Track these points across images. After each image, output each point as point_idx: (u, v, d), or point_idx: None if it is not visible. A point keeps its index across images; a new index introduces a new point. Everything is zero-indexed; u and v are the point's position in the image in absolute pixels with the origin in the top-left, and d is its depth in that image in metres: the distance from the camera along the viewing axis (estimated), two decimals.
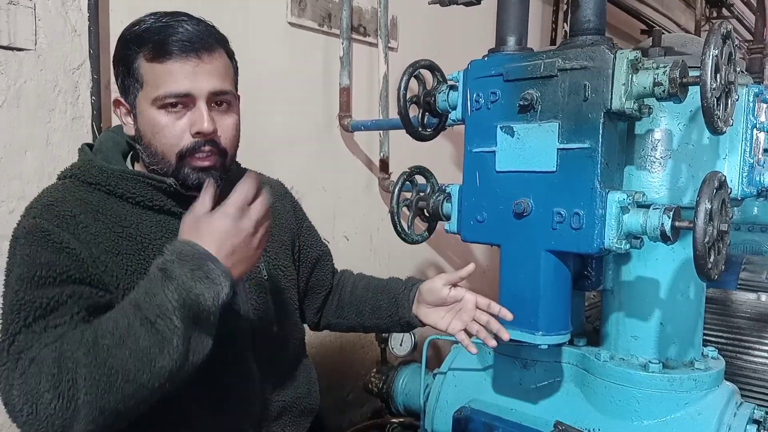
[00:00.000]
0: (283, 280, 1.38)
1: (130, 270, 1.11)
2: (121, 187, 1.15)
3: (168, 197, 1.18)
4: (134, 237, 1.13)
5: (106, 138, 1.26)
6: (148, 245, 1.14)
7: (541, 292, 1.21)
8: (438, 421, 1.61)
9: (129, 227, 1.14)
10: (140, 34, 1.13)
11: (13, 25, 1.56)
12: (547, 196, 1.17)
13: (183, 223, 1.03)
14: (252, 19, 2.18)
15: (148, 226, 1.16)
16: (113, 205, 1.14)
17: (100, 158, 1.18)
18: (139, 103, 1.15)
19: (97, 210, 1.12)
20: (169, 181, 1.17)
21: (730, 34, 1.07)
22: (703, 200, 1.02)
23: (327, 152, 2.55)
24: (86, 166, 1.16)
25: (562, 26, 3.94)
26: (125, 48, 1.14)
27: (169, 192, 1.18)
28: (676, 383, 1.31)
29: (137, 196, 1.16)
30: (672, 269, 1.35)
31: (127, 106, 1.18)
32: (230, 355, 1.22)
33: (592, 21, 1.18)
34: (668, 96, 1.07)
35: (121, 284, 1.09)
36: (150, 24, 1.13)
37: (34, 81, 1.62)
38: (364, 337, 2.74)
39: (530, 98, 1.17)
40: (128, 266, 1.11)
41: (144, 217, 1.17)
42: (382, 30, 2.61)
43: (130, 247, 1.12)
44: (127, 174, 1.16)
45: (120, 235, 1.12)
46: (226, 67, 1.19)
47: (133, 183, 1.16)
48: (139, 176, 1.16)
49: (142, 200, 1.16)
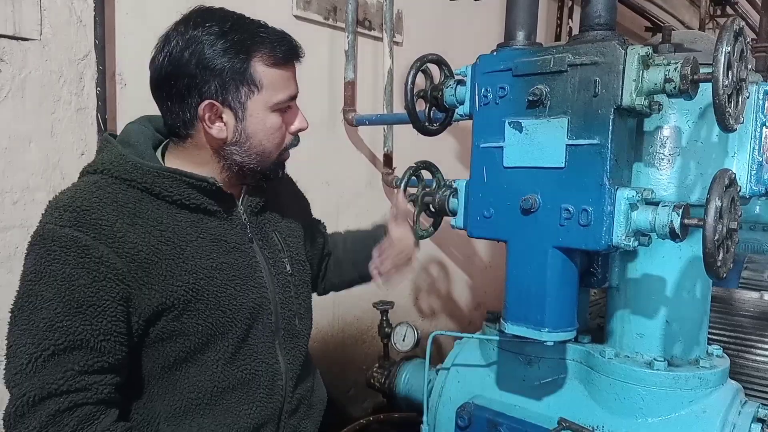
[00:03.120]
0: (303, 275, 1.40)
1: (169, 275, 1.10)
2: (159, 186, 1.12)
3: (206, 195, 1.18)
4: (172, 240, 1.12)
5: (134, 131, 1.22)
6: (186, 247, 1.13)
7: (548, 289, 1.20)
8: (441, 417, 1.61)
9: (166, 231, 1.12)
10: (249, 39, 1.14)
11: (18, 15, 1.55)
12: (555, 192, 1.16)
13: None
14: (257, 12, 2.14)
15: (184, 227, 1.15)
16: (148, 205, 1.12)
17: (131, 152, 1.15)
18: (251, 106, 1.16)
19: (133, 213, 1.10)
20: (211, 180, 1.17)
21: (743, 31, 1.06)
22: (714, 197, 1.01)
23: (331, 146, 2.55)
24: (119, 161, 1.13)
25: (567, 23, 3.93)
26: (232, 52, 1.12)
27: (209, 191, 1.17)
28: (681, 381, 1.30)
29: (174, 194, 1.14)
30: (678, 267, 1.35)
31: (227, 110, 1.15)
32: (260, 346, 1.24)
33: (603, 16, 1.17)
34: (679, 92, 1.06)
35: (157, 291, 1.09)
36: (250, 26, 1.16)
37: (38, 71, 1.61)
38: (366, 332, 2.74)
39: (539, 93, 1.16)
40: (167, 272, 1.10)
41: (179, 217, 1.15)
42: (387, 24, 2.60)
43: (168, 251, 1.11)
44: (164, 171, 1.14)
45: (159, 239, 1.10)
46: None
47: (171, 181, 1.13)
48: (177, 174, 1.14)
49: (179, 199, 1.14)
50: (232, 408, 1.21)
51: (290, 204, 1.45)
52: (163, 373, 1.14)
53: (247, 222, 1.26)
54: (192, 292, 1.12)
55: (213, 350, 1.17)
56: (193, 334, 1.14)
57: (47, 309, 1.02)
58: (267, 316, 1.25)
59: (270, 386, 1.26)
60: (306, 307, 1.39)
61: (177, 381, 1.15)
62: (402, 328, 2.07)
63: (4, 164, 1.57)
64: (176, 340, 1.13)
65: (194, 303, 1.13)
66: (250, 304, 1.21)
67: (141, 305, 1.08)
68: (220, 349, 1.17)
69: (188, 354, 1.14)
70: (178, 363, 1.14)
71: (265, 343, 1.25)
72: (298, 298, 1.35)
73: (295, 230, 1.41)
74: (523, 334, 1.23)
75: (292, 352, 1.32)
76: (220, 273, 1.17)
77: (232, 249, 1.21)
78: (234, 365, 1.20)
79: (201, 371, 1.16)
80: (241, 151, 1.18)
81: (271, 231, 1.33)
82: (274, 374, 1.27)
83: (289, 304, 1.32)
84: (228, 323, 1.17)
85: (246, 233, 1.25)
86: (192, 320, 1.13)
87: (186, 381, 1.16)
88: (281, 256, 1.32)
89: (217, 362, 1.17)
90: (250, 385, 1.22)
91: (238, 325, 1.19)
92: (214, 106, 1.14)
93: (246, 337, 1.21)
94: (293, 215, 1.43)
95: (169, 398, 1.15)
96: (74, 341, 1.02)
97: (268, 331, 1.26)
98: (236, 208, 1.25)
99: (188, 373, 1.16)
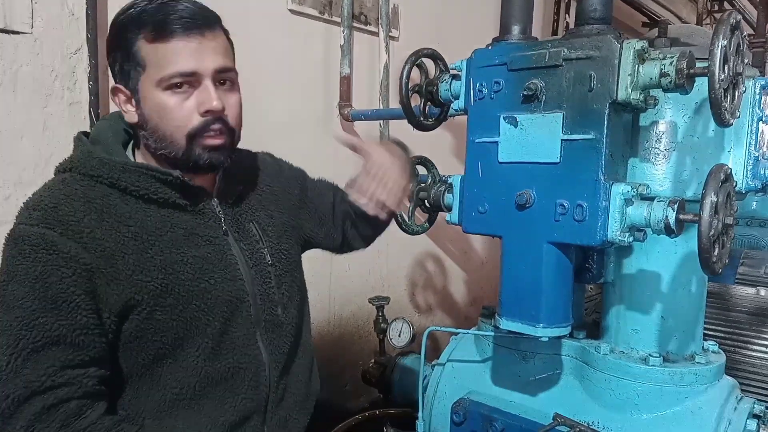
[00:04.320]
0: (286, 264, 1.37)
1: (137, 270, 1.09)
2: (124, 180, 1.11)
3: (173, 189, 1.16)
4: (140, 236, 1.11)
5: (103, 127, 1.21)
6: (155, 242, 1.12)
7: (543, 284, 1.20)
8: (436, 413, 1.60)
9: (134, 226, 1.11)
10: (137, 16, 1.10)
11: (9, 8, 1.53)
12: (549, 187, 1.16)
13: None
14: (252, 6, 2.16)
15: (153, 222, 1.13)
16: (116, 201, 1.11)
17: (99, 149, 1.14)
18: (142, 87, 1.12)
19: (101, 209, 1.09)
20: (175, 173, 1.15)
21: (739, 25, 1.05)
22: (709, 193, 1.01)
23: (327, 142, 2.53)
24: (86, 158, 1.13)
25: (564, 18, 3.92)
26: (122, 31, 1.11)
27: (175, 184, 1.16)
28: (676, 377, 1.30)
29: (141, 189, 1.12)
30: (674, 262, 1.34)
31: (127, 93, 1.14)
32: (241, 338, 1.22)
33: (599, 10, 1.16)
34: (675, 87, 1.05)
35: (125, 286, 1.08)
36: (145, 5, 1.10)
37: (30, 65, 1.60)
38: (362, 328, 2.74)
39: (534, 88, 1.15)
40: (135, 267, 1.09)
41: (149, 212, 1.14)
42: (383, 18, 2.59)
43: (136, 246, 1.10)
44: (130, 166, 1.13)
45: (126, 235, 1.09)
46: (226, 44, 1.18)
47: (137, 176, 1.12)
48: (142, 168, 1.13)
49: (146, 193, 1.13)
50: (217, 401, 1.20)
51: (271, 191, 1.41)
52: (144, 371, 1.13)
53: (222, 214, 1.24)
54: (161, 287, 1.11)
55: (192, 345, 1.15)
56: (169, 330, 1.12)
57: (21, 308, 1.01)
58: (246, 309, 1.23)
59: (254, 378, 1.24)
60: (290, 296, 1.36)
61: (159, 377, 1.14)
62: (398, 324, 2.07)
63: None
64: (152, 337, 1.11)
65: (165, 298, 1.11)
66: (227, 297, 1.19)
67: (110, 300, 1.07)
68: (200, 344, 1.16)
69: (167, 350, 1.13)
70: (158, 359, 1.13)
71: (246, 336, 1.23)
72: (281, 288, 1.33)
73: (276, 218, 1.38)
74: (517, 329, 1.23)
75: (274, 342, 1.30)
76: (191, 267, 1.15)
77: (205, 243, 1.19)
78: (215, 359, 1.18)
79: (182, 367, 1.15)
80: (148, 135, 1.15)
81: (248, 222, 1.30)
82: (257, 366, 1.25)
83: (270, 295, 1.29)
84: (204, 317, 1.16)
85: (220, 226, 1.23)
86: (165, 316, 1.12)
87: (168, 377, 1.15)
88: (259, 246, 1.30)
89: (198, 357, 1.16)
90: (234, 378, 1.21)
91: (215, 318, 1.18)
92: (118, 90, 1.15)
93: (225, 331, 1.19)
94: (275, 203, 1.40)
95: (152, 394, 1.14)
96: (51, 337, 1.01)
97: (248, 323, 1.24)
98: (209, 201, 1.23)
99: (170, 369, 1.14)
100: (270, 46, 2.24)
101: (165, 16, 1.08)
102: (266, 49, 2.22)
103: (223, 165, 1.19)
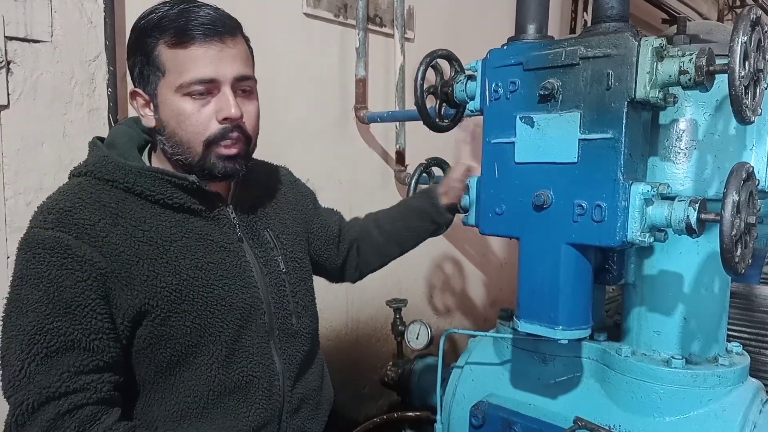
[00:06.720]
0: (299, 272, 1.37)
1: (152, 276, 1.09)
2: (140, 185, 1.12)
3: (189, 195, 1.16)
4: (155, 240, 1.11)
5: (119, 132, 1.22)
6: (170, 248, 1.12)
7: (561, 286, 1.18)
8: (455, 416, 1.59)
9: (149, 231, 1.11)
10: (158, 21, 1.10)
11: (30, 17, 1.56)
12: (567, 187, 1.14)
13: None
14: (268, 10, 2.17)
15: (168, 227, 1.13)
16: (131, 205, 1.11)
17: (115, 154, 1.15)
18: (160, 92, 1.12)
19: (116, 213, 1.09)
20: (192, 178, 1.15)
21: (760, 20, 1.03)
22: (731, 192, 0.99)
23: (343, 144, 2.54)
24: (101, 162, 1.13)
25: (581, 15, 3.88)
26: (142, 36, 1.12)
27: (191, 189, 1.16)
28: (699, 379, 1.28)
29: (156, 194, 1.13)
30: (696, 263, 1.32)
31: (146, 97, 1.15)
32: (254, 347, 1.22)
33: (616, 8, 1.14)
34: (694, 84, 1.04)
35: (139, 291, 1.08)
36: (166, 11, 1.11)
37: (50, 73, 1.62)
38: (380, 331, 2.73)
39: (551, 87, 1.14)
40: (149, 272, 1.09)
41: (164, 217, 1.14)
42: (398, 20, 2.59)
43: (151, 251, 1.10)
44: (146, 171, 1.13)
45: (141, 240, 1.09)
46: (246, 51, 1.18)
47: (152, 180, 1.12)
48: (158, 173, 1.13)
49: (161, 198, 1.13)
50: (230, 411, 1.19)
51: (286, 200, 1.42)
52: (157, 378, 1.13)
53: (237, 221, 1.24)
54: (176, 293, 1.11)
55: (205, 353, 1.15)
56: (182, 337, 1.12)
57: (34, 312, 1.00)
58: (260, 317, 1.23)
59: (267, 387, 1.24)
60: (304, 305, 1.36)
61: (172, 385, 1.14)
62: (415, 326, 2.06)
63: (17, 166, 1.58)
64: (166, 343, 1.11)
65: (179, 304, 1.11)
66: (240, 304, 1.19)
67: (123, 305, 1.06)
68: (213, 352, 1.16)
69: (180, 357, 1.13)
70: (172, 367, 1.13)
71: (259, 344, 1.23)
72: (295, 297, 1.33)
73: (290, 227, 1.38)
74: (536, 332, 1.22)
75: (288, 351, 1.29)
76: (205, 273, 1.15)
77: (220, 249, 1.18)
78: (229, 368, 1.17)
79: (195, 375, 1.15)
80: (165, 140, 1.15)
81: (263, 229, 1.30)
82: (270, 375, 1.24)
83: (284, 304, 1.29)
84: (218, 324, 1.16)
85: (235, 232, 1.23)
86: (179, 322, 1.11)
87: (181, 385, 1.14)
88: (274, 254, 1.29)
89: (211, 365, 1.16)
90: (248, 388, 1.21)
91: (229, 326, 1.17)
92: (137, 94, 1.16)
93: (238, 339, 1.19)
94: (289, 212, 1.40)
95: (165, 403, 1.14)
96: (66, 342, 1.01)
97: (261, 331, 1.23)
98: (224, 207, 1.23)
99: (183, 377, 1.14)
100: (285, 49, 2.25)
101: (186, 22, 1.09)
102: (282, 52, 2.23)
103: (238, 174, 1.19)
